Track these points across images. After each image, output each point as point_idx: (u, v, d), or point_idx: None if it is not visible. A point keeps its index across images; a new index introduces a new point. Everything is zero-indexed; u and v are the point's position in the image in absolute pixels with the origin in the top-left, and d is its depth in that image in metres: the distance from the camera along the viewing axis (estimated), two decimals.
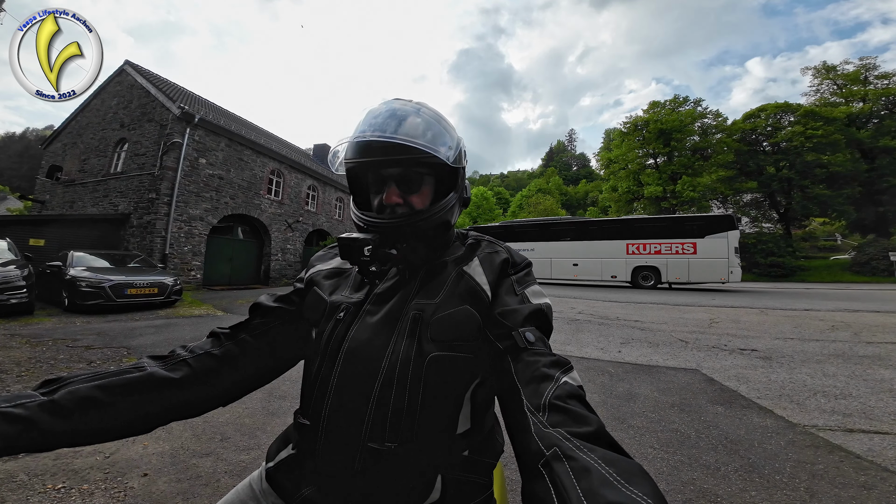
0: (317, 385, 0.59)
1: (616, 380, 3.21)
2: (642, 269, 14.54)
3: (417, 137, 0.59)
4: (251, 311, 0.70)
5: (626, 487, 0.32)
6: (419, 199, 0.64)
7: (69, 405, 0.47)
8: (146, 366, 0.56)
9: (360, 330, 0.60)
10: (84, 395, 0.48)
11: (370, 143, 0.60)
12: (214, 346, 0.63)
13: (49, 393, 0.48)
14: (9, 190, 40.29)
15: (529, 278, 0.67)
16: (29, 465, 1.76)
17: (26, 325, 5.24)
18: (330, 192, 18.98)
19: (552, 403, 0.44)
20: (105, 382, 0.51)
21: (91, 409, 0.49)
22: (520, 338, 0.54)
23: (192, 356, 0.60)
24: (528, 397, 0.46)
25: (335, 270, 0.73)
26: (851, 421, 2.38)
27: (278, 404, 2.60)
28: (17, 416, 0.43)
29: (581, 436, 0.39)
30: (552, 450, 0.38)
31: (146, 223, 10.69)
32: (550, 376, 0.47)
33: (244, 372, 0.64)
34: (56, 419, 0.46)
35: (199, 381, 0.58)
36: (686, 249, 13.77)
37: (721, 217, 13.77)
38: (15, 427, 0.43)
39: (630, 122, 32.12)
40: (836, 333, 5.03)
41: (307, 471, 0.59)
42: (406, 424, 0.54)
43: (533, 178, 71.17)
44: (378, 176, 0.64)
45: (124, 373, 0.53)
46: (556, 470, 0.36)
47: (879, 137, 24.58)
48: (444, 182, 0.67)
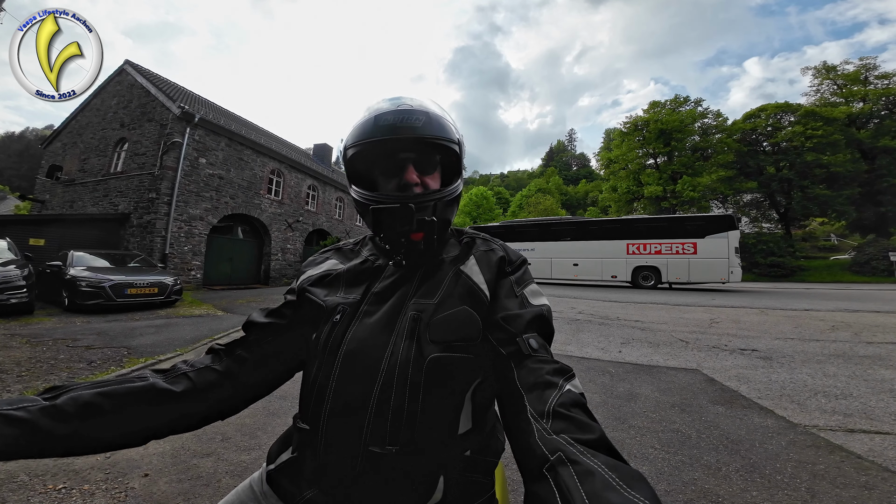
0: (315, 388, 0.58)
1: (617, 380, 3.21)
2: (643, 269, 14.50)
3: (434, 121, 0.63)
4: (245, 329, 0.69)
5: (627, 491, 0.33)
6: (432, 182, 0.66)
7: (70, 410, 0.48)
8: (148, 376, 0.57)
9: (359, 331, 0.60)
10: (85, 401, 0.49)
11: (394, 124, 0.61)
12: (215, 362, 0.63)
13: (52, 398, 0.48)
14: (9, 189, 40.29)
15: (527, 276, 0.68)
16: (30, 465, 1.76)
17: (26, 324, 5.24)
18: (330, 192, 18.96)
19: (556, 411, 0.45)
20: (107, 390, 0.52)
21: (91, 415, 0.49)
22: (524, 344, 0.54)
23: (192, 370, 0.61)
24: (532, 403, 0.47)
25: (325, 273, 0.73)
26: (852, 421, 2.38)
27: (279, 404, 2.60)
28: (18, 418, 0.44)
29: (584, 442, 0.40)
30: (556, 454, 0.39)
31: (146, 223, 10.68)
32: (554, 384, 0.48)
33: (243, 387, 0.64)
34: (57, 423, 0.46)
35: (199, 394, 0.59)
36: (686, 249, 13.73)
37: (721, 217, 13.75)
38: (15, 429, 0.43)
39: (630, 122, 32.11)
40: (836, 333, 5.03)
41: (308, 474, 0.59)
42: (407, 427, 0.53)
43: (533, 178, 71.17)
44: (392, 159, 0.64)
45: (126, 382, 0.54)
46: (561, 473, 0.37)
47: (879, 137, 24.59)
48: (450, 170, 0.70)
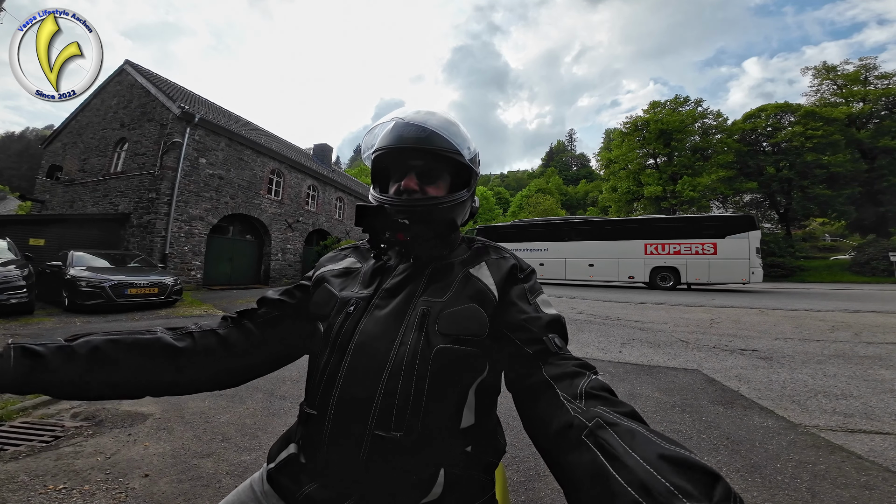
0: (325, 377, 0.60)
1: (617, 380, 3.21)
2: (661, 269, 14.20)
3: (446, 133, 0.66)
4: (258, 303, 0.74)
5: (672, 444, 0.35)
6: (435, 190, 0.68)
7: (82, 352, 0.53)
8: (157, 331, 0.62)
9: (370, 323, 0.62)
10: (96, 345, 0.54)
11: (402, 134, 0.66)
12: (220, 327, 0.68)
13: (70, 340, 0.54)
14: (9, 189, 40.29)
15: (538, 287, 0.70)
16: (30, 465, 1.76)
17: (26, 325, 5.24)
18: (330, 192, 18.96)
19: (588, 392, 0.47)
20: (117, 338, 0.57)
21: (98, 360, 0.54)
22: (550, 343, 0.57)
23: (198, 331, 0.65)
24: (564, 389, 0.49)
25: (345, 270, 0.77)
26: (853, 421, 2.38)
27: (279, 405, 2.60)
28: (35, 351, 0.50)
29: (620, 413, 0.42)
30: (594, 420, 0.40)
31: (146, 223, 10.68)
32: (582, 373, 0.51)
33: (240, 358, 0.68)
34: (66, 363, 0.51)
35: (197, 356, 0.62)
36: (706, 250, 13.50)
37: (742, 217, 13.62)
38: (30, 361, 0.49)
39: (630, 122, 32.16)
40: (836, 334, 5.03)
41: (309, 466, 0.59)
42: (412, 414, 0.55)
43: (533, 178, 71.13)
44: (402, 166, 0.69)
45: (136, 333, 0.60)
46: (602, 435, 0.38)
47: (879, 137, 24.60)
48: (459, 182, 0.72)
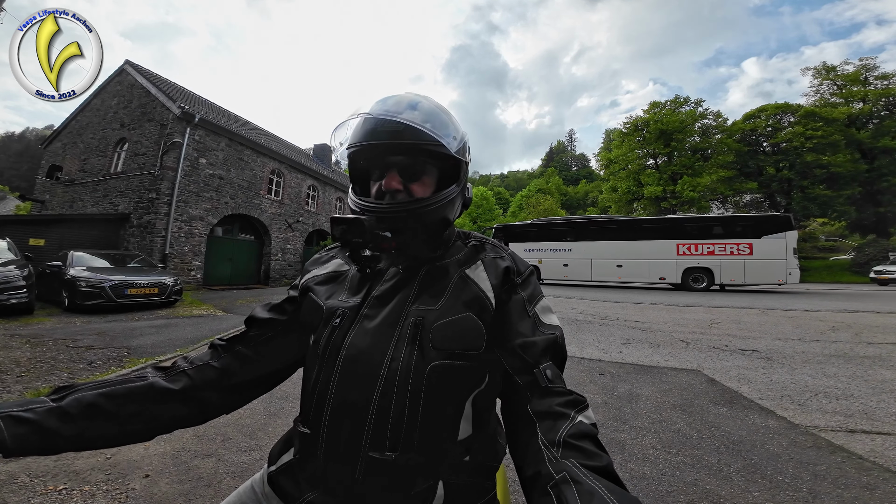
0: (316, 393, 0.58)
1: (617, 380, 3.21)
2: (694, 270, 13.62)
3: (425, 123, 0.59)
4: (246, 324, 0.69)
5: None
6: (420, 189, 0.62)
7: (74, 411, 0.50)
8: (148, 375, 0.58)
9: (358, 336, 0.59)
10: (89, 402, 0.52)
11: (375, 128, 0.59)
12: (214, 359, 0.64)
13: (58, 399, 0.51)
14: (9, 189, 40.27)
15: (537, 290, 0.66)
16: (30, 466, 1.76)
17: (26, 325, 5.24)
18: (330, 192, 18.96)
19: (566, 441, 0.46)
20: (109, 391, 0.54)
21: (95, 415, 0.52)
22: (541, 376, 0.54)
23: (191, 367, 0.62)
24: (544, 432, 0.48)
25: (331, 275, 0.72)
26: (853, 422, 2.38)
27: (279, 405, 2.60)
28: (27, 419, 0.47)
29: (590, 468, 0.42)
30: (561, 474, 0.42)
31: (146, 223, 10.67)
32: (566, 415, 0.49)
33: (243, 382, 0.65)
34: (63, 424, 0.49)
35: (198, 391, 0.60)
36: (742, 250, 12.97)
37: (779, 217, 13.15)
38: (24, 428, 0.47)
39: (630, 122, 32.09)
40: (836, 334, 5.03)
41: (309, 476, 0.59)
42: (407, 433, 0.53)
43: (533, 179, 71.05)
44: (381, 162, 0.62)
45: (127, 382, 0.56)
46: (565, 491, 0.40)
47: (879, 138, 24.58)
48: (447, 175, 0.65)
